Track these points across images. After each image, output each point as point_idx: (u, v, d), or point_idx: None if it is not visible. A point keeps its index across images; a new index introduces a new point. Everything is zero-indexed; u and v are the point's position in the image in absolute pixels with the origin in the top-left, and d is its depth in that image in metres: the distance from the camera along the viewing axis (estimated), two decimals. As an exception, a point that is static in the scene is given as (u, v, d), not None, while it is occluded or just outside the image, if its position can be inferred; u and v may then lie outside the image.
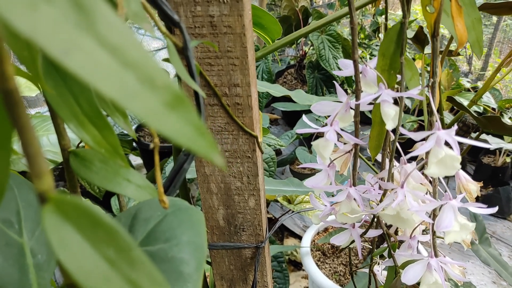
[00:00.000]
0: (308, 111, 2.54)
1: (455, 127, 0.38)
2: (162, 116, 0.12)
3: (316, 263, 1.53)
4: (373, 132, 0.44)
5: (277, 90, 1.68)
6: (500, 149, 2.52)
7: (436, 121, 0.38)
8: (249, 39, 0.41)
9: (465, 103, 2.56)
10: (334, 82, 0.46)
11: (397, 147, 0.44)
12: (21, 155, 1.29)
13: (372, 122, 0.44)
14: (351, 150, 0.46)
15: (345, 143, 0.46)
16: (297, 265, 2.05)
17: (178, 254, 0.26)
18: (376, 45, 3.65)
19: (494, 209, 0.41)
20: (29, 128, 0.13)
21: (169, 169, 1.01)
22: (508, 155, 2.51)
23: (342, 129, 0.44)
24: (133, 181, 0.30)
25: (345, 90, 2.59)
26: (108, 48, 0.11)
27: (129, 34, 0.12)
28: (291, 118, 3.31)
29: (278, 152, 2.87)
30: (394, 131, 0.42)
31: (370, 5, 4.01)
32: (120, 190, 0.29)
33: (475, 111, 2.56)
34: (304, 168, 2.69)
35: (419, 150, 0.37)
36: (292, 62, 3.72)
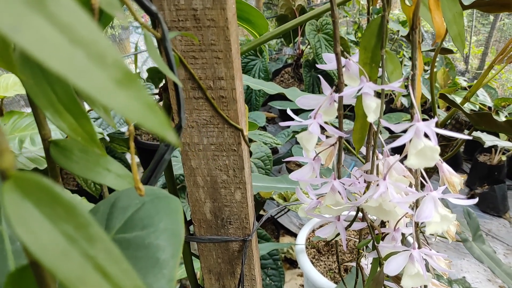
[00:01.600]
0: (304, 110, 2.55)
1: (435, 119, 0.38)
2: (112, 92, 0.12)
3: (311, 261, 1.54)
4: (357, 125, 0.44)
5: (271, 88, 1.68)
6: (496, 148, 2.52)
7: (416, 113, 0.38)
8: (233, 32, 0.41)
9: (459, 100, 2.57)
10: (319, 76, 0.47)
11: (381, 140, 0.44)
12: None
13: (355, 115, 0.44)
14: (336, 143, 0.46)
15: (328, 137, 0.46)
16: (293, 263, 2.05)
17: (155, 241, 0.27)
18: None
19: (474, 201, 0.41)
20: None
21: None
22: (503, 154, 2.52)
23: (326, 123, 0.44)
24: (112, 170, 0.30)
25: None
26: (58, 25, 0.11)
27: (81, 14, 0.12)
28: (288, 117, 3.31)
29: (274, 150, 2.87)
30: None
31: (367, 5, 4.02)
32: (100, 179, 0.30)
33: (471, 110, 2.56)
34: (300, 166, 2.69)
35: (398, 141, 0.37)
36: (289, 61, 3.73)
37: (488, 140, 1.78)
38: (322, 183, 0.46)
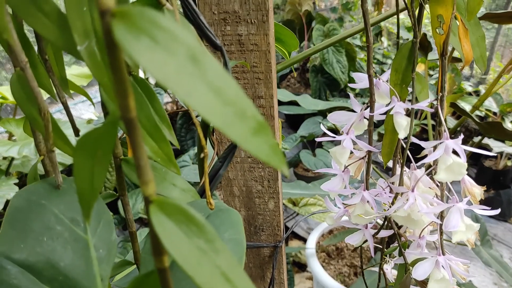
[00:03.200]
0: (311, 115, 2.58)
1: (462, 136, 0.42)
2: (249, 139, 0.16)
3: (321, 264, 1.57)
4: (386, 140, 0.48)
5: (283, 95, 1.72)
6: (501, 153, 2.55)
7: (445, 131, 0.41)
8: (273, 55, 0.45)
9: (467, 107, 2.60)
10: (349, 94, 0.50)
11: (409, 156, 0.48)
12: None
13: (384, 130, 0.48)
14: (365, 156, 0.49)
15: (359, 150, 0.49)
16: (302, 267, 2.08)
17: (222, 249, 0.30)
18: (379, 49, 3.68)
19: (497, 211, 0.45)
20: (142, 147, 0.17)
21: (186, 172, 1.05)
22: (509, 159, 2.54)
23: (356, 137, 0.48)
24: (178, 185, 0.34)
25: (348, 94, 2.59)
26: (214, 91, 0.15)
27: (228, 78, 0.16)
28: (294, 121, 3.35)
29: (282, 155, 2.90)
30: (405, 139, 0.46)
31: (372, 10, 4.05)
32: (167, 193, 0.33)
33: (477, 115, 2.59)
34: (308, 171, 2.73)
35: (429, 157, 0.40)
36: (295, 66, 3.76)
37: (496, 146, 1.82)
38: (351, 193, 0.50)
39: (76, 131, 0.33)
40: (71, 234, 0.29)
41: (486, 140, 1.82)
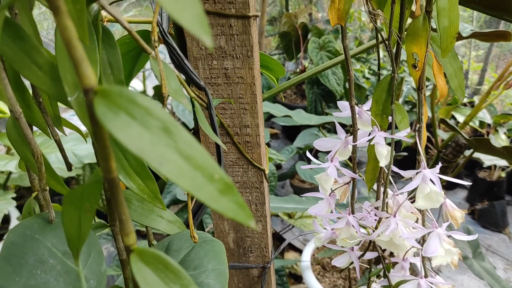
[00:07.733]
0: (307, 126, 2.60)
1: (440, 164, 0.44)
2: (217, 199, 0.17)
3: (316, 277, 1.58)
4: (369, 167, 0.50)
5: (278, 110, 1.74)
6: (495, 164, 2.57)
7: (422, 161, 0.43)
8: (258, 87, 0.47)
9: (461, 118, 2.61)
10: (335, 121, 0.52)
11: (392, 183, 0.50)
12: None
13: (367, 157, 0.49)
14: (350, 181, 0.51)
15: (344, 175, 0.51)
16: (298, 278, 2.09)
17: (206, 280, 0.32)
18: (374, 59, 3.71)
19: (474, 236, 0.47)
20: (123, 202, 0.19)
21: (179, 191, 1.07)
22: (503, 170, 2.56)
23: (341, 162, 0.50)
24: (165, 217, 0.36)
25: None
26: (185, 158, 0.17)
27: (197, 146, 0.17)
28: (290, 132, 3.37)
29: (278, 166, 2.92)
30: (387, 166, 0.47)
31: (368, 20, 4.09)
32: (155, 225, 0.35)
33: (471, 127, 2.61)
34: (304, 182, 2.74)
35: (408, 187, 0.42)
36: (292, 77, 3.78)
37: (487, 159, 1.84)
38: (337, 217, 0.51)
39: (69, 166, 0.35)
40: (63, 267, 0.31)
41: (479, 154, 1.83)
